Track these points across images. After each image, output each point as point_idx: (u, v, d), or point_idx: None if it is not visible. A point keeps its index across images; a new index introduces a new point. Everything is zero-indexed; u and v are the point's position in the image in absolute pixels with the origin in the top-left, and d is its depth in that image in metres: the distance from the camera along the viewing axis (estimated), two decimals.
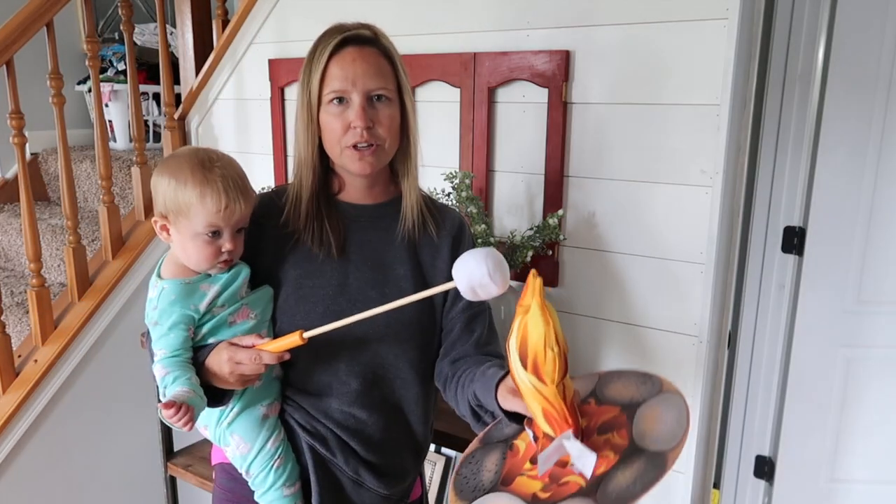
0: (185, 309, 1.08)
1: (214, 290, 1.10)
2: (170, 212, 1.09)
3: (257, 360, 1.04)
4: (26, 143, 2.01)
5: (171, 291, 1.08)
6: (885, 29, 1.78)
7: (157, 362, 1.06)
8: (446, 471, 1.97)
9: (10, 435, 2.01)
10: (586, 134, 1.73)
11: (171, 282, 1.09)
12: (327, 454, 1.16)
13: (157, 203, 1.10)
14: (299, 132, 1.16)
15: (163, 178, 1.08)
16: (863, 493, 2.07)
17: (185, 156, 1.09)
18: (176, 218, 1.08)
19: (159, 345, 1.06)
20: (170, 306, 1.07)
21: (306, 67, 1.14)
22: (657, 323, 1.72)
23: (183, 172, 1.07)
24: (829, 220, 1.91)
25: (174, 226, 1.09)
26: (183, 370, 1.04)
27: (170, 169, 1.08)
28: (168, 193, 1.07)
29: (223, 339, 1.09)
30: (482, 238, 1.70)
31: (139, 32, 3.05)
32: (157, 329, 1.08)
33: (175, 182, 1.07)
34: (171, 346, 1.06)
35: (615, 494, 0.87)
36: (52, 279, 2.49)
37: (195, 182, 1.06)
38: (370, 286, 1.17)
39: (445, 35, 1.87)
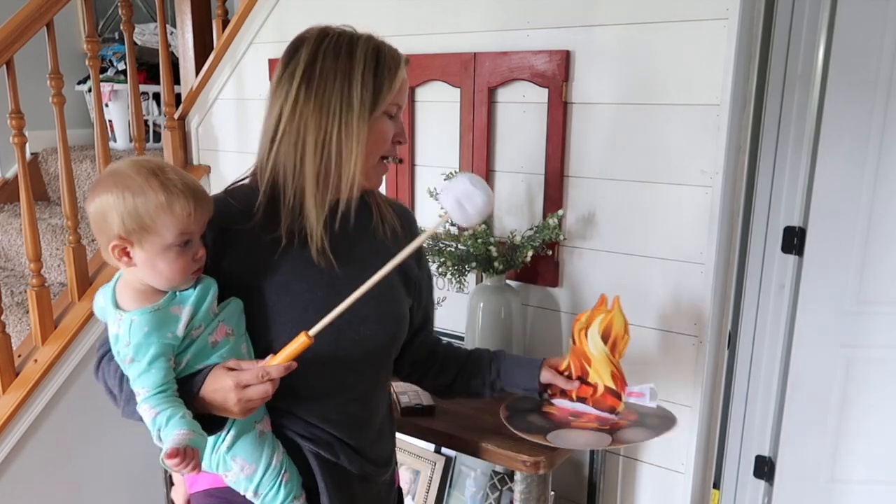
0: (163, 338, 0.99)
1: (188, 312, 1.01)
2: (131, 231, 0.98)
3: (265, 377, 0.99)
4: (26, 143, 2.01)
5: (142, 322, 0.98)
6: (885, 29, 1.78)
7: (143, 402, 0.97)
8: (446, 471, 1.97)
9: (10, 435, 2.01)
10: (586, 134, 1.73)
11: (138, 312, 0.99)
12: (332, 457, 1.15)
13: (112, 225, 0.98)
14: (342, 137, 1.07)
15: (111, 195, 0.98)
16: (863, 493, 2.07)
17: (130, 167, 1.00)
18: (140, 236, 0.98)
19: (140, 383, 0.97)
20: (145, 338, 0.98)
21: (376, 71, 1.09)
22: (657, 323, 1.72)
23: (135, 184, 0.97)
24: (829, 220, 1.91)
25: (138, 245, 0.99)
26: (174, 407, 0.96)
27: (119, 184, 0.98)
28: (125, 209, 0.97)
29: (209, 363, 1.03)
30: (482, 238, 1.70)
31: (139, 32, 3.05)
32: (135, 366, 0.98)
33: (130, 195, 0.97)
34: (155, 382, 0.97)
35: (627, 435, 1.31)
36: (52, 279, 2.49)
37: (155, 190, 0.97)
38: (357, 285, 1.12)
39: (445, 35, 1.87)
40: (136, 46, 2.73)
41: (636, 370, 1.77)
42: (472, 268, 1.76)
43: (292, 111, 1.07)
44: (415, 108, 1.98)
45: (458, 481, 1.96)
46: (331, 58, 1.08)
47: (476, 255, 1.71)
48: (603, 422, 1.32)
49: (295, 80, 1.07)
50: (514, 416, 1.38)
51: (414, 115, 1.98)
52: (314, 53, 1.08)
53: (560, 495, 1.91)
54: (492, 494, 1.87)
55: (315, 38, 1.10)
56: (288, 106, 1.07)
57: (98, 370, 1.09)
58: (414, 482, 2.02)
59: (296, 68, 1.08)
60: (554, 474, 1.70)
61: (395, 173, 2.03)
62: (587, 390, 1.31)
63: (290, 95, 1.07)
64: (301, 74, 1.07)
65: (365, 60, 1.09)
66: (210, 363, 1.03)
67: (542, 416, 1.36)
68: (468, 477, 1.93)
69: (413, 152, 2.00)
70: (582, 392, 1.32)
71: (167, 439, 0.94)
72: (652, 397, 1.38)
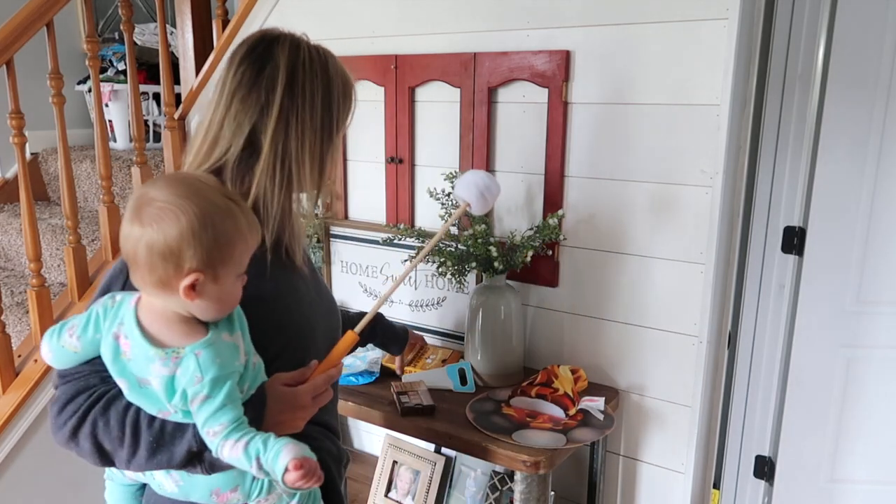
0: (233, 368, 0.90)
1: (239, 337, 0.93)
2: (213, 264, 0.86)
3: (329, 381, 1.01)
4: (26, 143, 2.01)
5: (212, 355, 0.88)
6: (885, 29, 1.78)
7: (223, 438, 0.87)
8: (446, 471, 1.98)
9: (10, 435, 2.01)
10: (586, 134, 1.73)
11: (201, 345, 0.88)
12: (337, 451, 1.18)
13: (186, 258, 0.85)
14: (314, 153, 1.06)
15: (189, 226, 0.84)
16: (863, 493, 2.07)
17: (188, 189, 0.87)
18: (219, 268, 0.87)
19: (217, 420, 0.87)
20: (220, 370, 0.87)
21: (344, 92, 1.09)
22: (657, 323, 1.72)
23: (210, 209, 0.86)
24: (829, 220, 1.91)
25: (212, 280, 0.87)
26: (258, 431, 0.88)
27: (191, 212, 0.85)
28: (207, 241, 0.85)
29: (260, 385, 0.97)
30: (482, 238, 1.70)
31: (139, 32, 3.05)
32: (209, 404, 0.87)
33: (210, 224, 0.85)
34: (236, 415, 0.87)
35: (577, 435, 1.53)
36: (52, 279, 2.49)
37: (225, 215, 0.87)
38: (323, 295, 1.20)
39: (445, 35, 1.87)
40: (136, 46, 2.73)
41: (636, 370, 1.77)
42: (472, 268, 1.76)
43: (277, 121, 1.02)
44: (415, 108, 1.98)
45: (458, 481, 1.96)
46: (310, 72, 1.05)
47: (476, 255, 1.71)
48: (556, 422, 1.58)
49: (277, 88, 1.02)
50: (480, 417, 1.59)
51: (414, 115, 1.98)
52: (293, 63, 1.03)
53: (560, 495, 1.91)
54: (492, 494, 1.87)
55: (289, 46, 1.05)
56: (272, 113, 1.02)
57: (77, 433, 0.93)
58: (414, 482, 2.02)
59: (276, 75, 1.02)
60: (554, 474, 1.70)
61: (396, 173, 2.03)
62: (547, 390, 1.68)
63: (272, 103, 1.02)
64: (283, 83, 1.02)
65: (340, 80, 1.09)
66: (258, 384, 0.97)
67: (504, 417, 1.60)
68: (468, 477, 1.93)
69: (413, 152, 2.00)
70: (542, 391, 1.67)
71: (278, 458, 0.85)
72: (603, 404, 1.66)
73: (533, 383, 1.70)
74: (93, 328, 0.93)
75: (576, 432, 1.54)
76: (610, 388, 1.79)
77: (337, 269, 2.20)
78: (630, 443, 1.83)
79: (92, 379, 0.95)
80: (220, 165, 1.03)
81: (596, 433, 1.57)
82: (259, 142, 1.02)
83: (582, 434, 1.54)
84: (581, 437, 1.53)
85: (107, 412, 0.93)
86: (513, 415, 1.61)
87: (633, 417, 1.80)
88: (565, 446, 1.49)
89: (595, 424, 1.59)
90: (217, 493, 0.99)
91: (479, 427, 1.55)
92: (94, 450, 0.93)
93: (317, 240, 2.16)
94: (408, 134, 1.98)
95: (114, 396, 0.94)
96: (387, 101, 1.99)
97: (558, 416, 1.61)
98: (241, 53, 1.05)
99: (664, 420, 1.76)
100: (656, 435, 1.78)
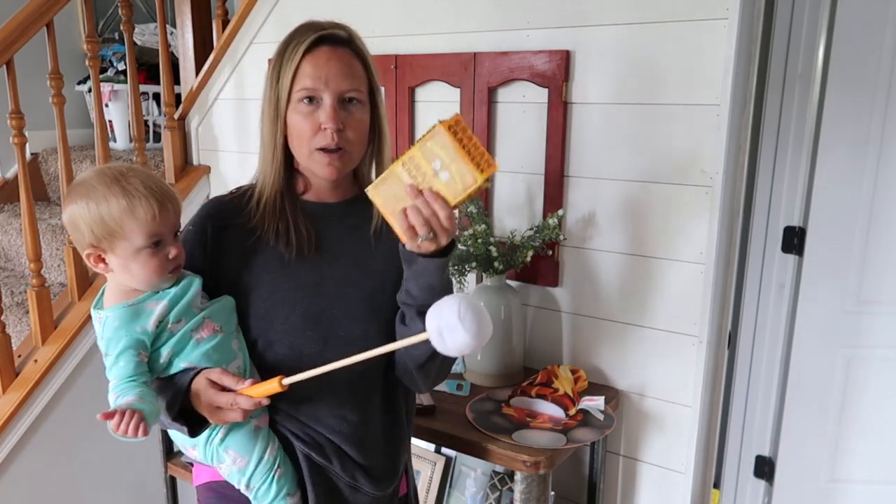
0: (132, 333, 1.02)
1: (162, 306, 1.04)
2: (101, 238, 1.02)
3: (234, 406, 1.00)
4: (26, 143, 2.01)
5: (114, 318, 1.03)
6: (885, 29, 1.78)
7: (110, 392, 1.00)
8: (446, 471, 1.97)
9: (10, 435, 2.01)
10: (586, 134, 1.73)
11: (113, 308, 1.04)
12: (323, 461, 1.14)
13: (83, 235, 1.03)
14: (265, 131, 1.13)
15: (78, 206, 1.02)
16: (863, 493, 2.07)
17: (92, 177, 1.03)
18: (110, 242, 1.02)
19: (111, 374, 1.01)
20: (115, 333, 1.02)
21: (276, 63, 1.11)
22: (657, 323, 1.72)
23: (98, 192, 1.01)
24: (829, 220, 1.91)
25: (110, 252, 1.03)
26: (134, 391, 0.98)
27: (82, 194, 1.02)
28: (91, 218, 1.01)
29: (193, 360, 1.05)
30: (482, 238, 1.70)
31: (139, 32, 3.05)
32: (107, 360, 1.03)
33: (94, 204, 1.01)
34: (122, 373, 1.00)
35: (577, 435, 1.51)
36: (52, 279, 2.49)
37: (117, 196, 1.01)
38: (347, 283, 1.15)
39: (445, 35, 1.87)
40: (136, 46, 2.72)
41: (636, 370, 1.77)
42: (472, 268, 1.76)
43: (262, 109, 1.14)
44: (415, 108, 1.98)
45: (458, 481, 1.96)
46: (276, 52, 1.13)
47: (476, 255, 1.71)
48: (556, 422, 1.58)
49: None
50: (480, 417, 1.59)
51: (414, 115, 1.98)
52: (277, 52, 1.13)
53: (560, 495, 1.91)
54: (492, 494, 1.87)
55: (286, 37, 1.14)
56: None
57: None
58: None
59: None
60: (554, 474, 1.70)
61: None
62: (547, 390, 1.66)
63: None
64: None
65: (282, 49, 1.12)
66: (194, 359, 1.05)
67: (504, 417, 1.59)
68: (468, 477, 1.93)
69: None
70: (542, 391, 1.66)
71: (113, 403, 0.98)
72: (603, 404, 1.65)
73: (533, 383, 1.70)
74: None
75: (576, 432, 1.54)
76: (610, 388, 1.79)
77: None
78: (630, 443, 1.82)
79: None
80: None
81: (596, 433, 1.57)
82: None
83: (582, 434, 1.54)
84: (581, 437, 1.53)
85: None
86: (513, 415, 1.61)
87: (633, 417, 1.80)
88: (565, 446, 1.49)
89: (595, 424, 1.59)
90: (184, 446, 1.15)
91: (479, 427, 1.55)
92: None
93: None
94: (408, 134, 1.98)
95: None
96: (387, 101, 1.99)
97: (558, 416, 1.61)
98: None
99: (664, 420, 1.76)
100: (656, 435, 1.78)
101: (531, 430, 1.54)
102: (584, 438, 1.54)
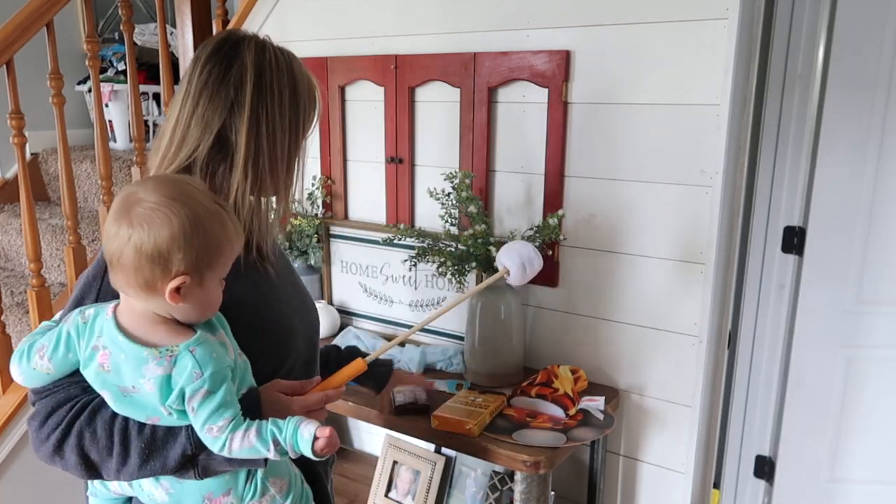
0: (229, 363, 0.90)
1: (223, 336, 0.93)
2: (200, 268, 0.86)
3: (326, 402, 0.99)
4: (26, 143, 2.01)
5: (208, 350, 0.88)
6: (885, 29, 1.78)
7: (231, 430, 0.87)
8: (446, 471, 1.98)
9: (10, 435, 2.01)
10: (586, 134, 1.73)
11: (195, 342, 0.88)
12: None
13: (175, 262, 0.85)
14: (283, 151, 1.05)
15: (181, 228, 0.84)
16: (863, 493, 2.07)
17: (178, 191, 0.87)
18: (205, 272, 0.88)
19: (222, 414, 0.87)
20: (218, 364, 0.87)
21: (310, 92, 1.08)
22: (657, 323, 1.72)
23: (201, 213, 0.86)
24: (829, 220, 1.91)
25: (198, 284, 0.88)
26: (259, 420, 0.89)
27: (183, 215, 0.85)
28: (197, 245, 0.85)
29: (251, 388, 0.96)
30: (482, 238, 1.70)
31: (139, 32, 3.05)
32: (211, 399, 0.87)
33: (200, 227, 0.86)
34: (235, 409, 0.88)
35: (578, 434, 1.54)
36: (52, 279, 2.49)
37: (215, 218, 0.87)
38: (300, 294, 1.19)
39: (445, 35, 1.87)
40: (136, 46, 2.73)
41: (636, 370, 1.77)
42: (472, 268, 1.76)
43: (249, 119, 1.01)
44: (415, 108, 1.98)
45: (458, 481, 1.96)
46: (276, 71, 1.04)
47: (476, 255, 1.71)
48: (556, 422, 1.58)
49: (246, 86, 1.01)
50: None
51: (414, 114, 1.98)
52: (260, 63, 1.02)
53: (560, 495, 1.91)
54: (492, 494, 1.87)
55: (255, 47, 1.03)
56: (244, 111, 1.01)
57: (63, 445, 0.91)
58: (414, 482, 2.02)
59: (244, 73, 1.01)
60: (554, 474, 1.70)
61: (396, 173, 2.03)
62: (547, 390, 1.68)
63: (242, 102, 1.01)
64: (252, 81, 1.01)
65: (305, 80, 1.08)
66: (247, 383, 0.96)
67: (504, 417, 1.60)
68: (468, 477, 1.93)
69: (413, 152, 2.00)
70: (542, 391, 1.68)
71: (299, 432, 0.88)
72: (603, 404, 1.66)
73: (533, 383, 1.70)
74: (64, 348, 0.92)
75: (576, 432, 1.54)
76: (610, 388, 1.79)
77: (337, 269, 2.20)
78: (630, 443, 1.83)
79: (73, 390, 0.93)
80: (188, 164, 1.02)
81: (596, 432, 1.57)
82: (228, 140, 1.02)
83: (582, 433, 1.54)
84: (581, 437, 1.53)
85: (93, 422, 0.91)
86: (513, 415, 1.61)
87: (633, 417, 1.80)
88: (565, 445, 1.49)
89: (595, 424, 1.59)
90: (209, 497, 0.98)
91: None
92: (81, 462, 0.91)
93: (317, 240, 2.16)
94: (408, 134, 1.99)
95: (98, 406, 0.92)
96: (387, 101, 1.99)
97: (558, 415, 1.61)
98: (206, 53, 1.03)
99: (664, 420, 1.76)
100: (656, 435, 1.78)
101: (531, 430, 1.54)
102: (585, 437, 1.54)
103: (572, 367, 1.73)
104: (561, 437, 1.51)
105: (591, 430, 1.56)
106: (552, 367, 1.73)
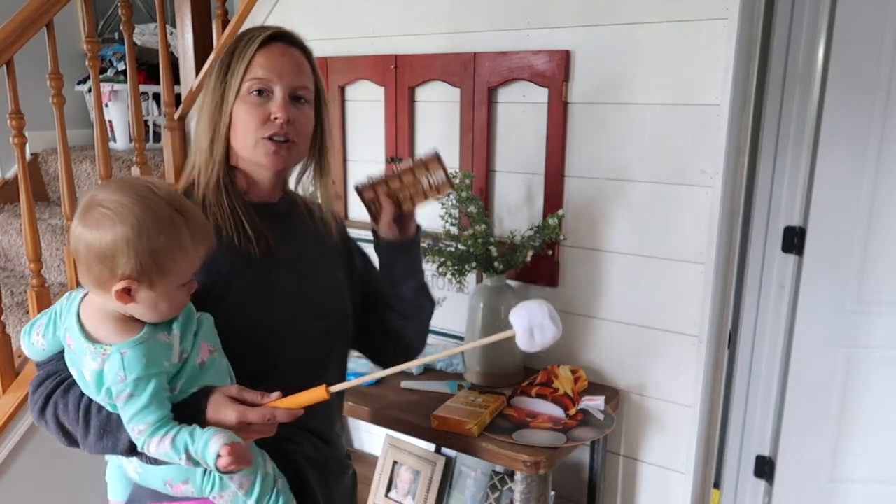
0: (161, 368, 0.90)
1: (176, 337, 0.93)
2: (147, 273, 0.87)
3: (271, 421, 0.93)
4: (26, 143, 2.00)
5: (137, 354, 0.89)
6: (885, 29, 1.78)
7: (149, 436, 0.90)
8: (446, 471, 1.98)
9: (10, 435, 2.01)
10: (586, 134, 1.73)
11: (128, 344, 0.90)
12: (321, 457, 1.16)
13: (120, 265, 0.86)
14: (203, 125, 1.11)
15: (122, 234, 0.85)
16: (863, 493, 2.07)
17: (154, 200, 0.88)
18: (155, 277, 0.88)
19: (142, 419, 0.89)
20: (145, 371, 0.89)
21: (226, 56, 1.11)
22: (657, 323, 1.72)
23: (148, 220, 0.86)
24: (829, 220, 1.91)
25: (147, 287, 0.88)
26: (183, 426, 0.90)
27: (129, 221, 0.86)
28: (144, 249, 0.86)
29: (199, 386, 0.96)
30: (482, 238, 1.70)
31: (139, 32, 3.05)
32: (134, 402, 0.89)
33: (145, 235, 0.86)
34: (160, 415, 0.90)
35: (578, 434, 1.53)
36: (52, 279, 2.49)
37: (165, 225, 0.87)
38: (302, 282, 1.16)
39: (445, 35, 1.87)
40: (136, 46, 2.72)
41: (636, 370, 1.77)
42: (472, 268, 1.76)
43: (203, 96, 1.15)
44: (415, 107, 1.98)
45: (458, 481, 1.96)
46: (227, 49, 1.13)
47: (476, 255, 1.71)
48: (556, 422, 1.58)
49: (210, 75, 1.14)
50: None
51: (414, 114, 1.98)
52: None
53: (560, 495, 1.91)
54: (492, 494, 1.87)
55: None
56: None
57: (44, 412, 1.00)
58: (414, 482, 2.02)
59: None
60: (554, 474, 1.70)
61: None
62: (547, 390, 1.67)
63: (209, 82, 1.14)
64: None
65: (234, 46, 1.11)
66: (202, 384, 0.97)
67: (504, 417, 1.60)
68: (468, 477, 1.93)
69: (413, 152, 2.00)
70: (542, 391, 1.67)
71: (208, 446, 0.88)
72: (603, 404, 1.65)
73: (533, 383, 1.70)
74: (52, 327, 0.99)
75: (576, 432, 1.54)
76: (610, 388, 1.79)
77: None
78: (630, 443, 1.83)
79: (59, 364, 1.00)
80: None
81: (596, 432, 1.57)
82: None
83: (582, 433, 1.54)
84: (581, 437, 1.53)
85: (66, 395, 0.98)
86: (513, 415, 1.61)
87: (633, 417, 1.80)
88: (565, 445, 1.49)
89: (595, 424, 1.59)
90: (170, 483, 1.01)
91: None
92: (58, 429, 1.00)
93: None
94: (408, 134, 1.99)
95: (73, 381, 0.99)
96: (387, 101, 1.99)
97: (558, 415, 1.61)
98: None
99: (664, 420, 1.76)
100: (656, 435, 1.78)
101: (531, 430, 1.54)
102: (585, 437, 1.54)
103: (572, 368, 1.73)
104: (561, 437, 1.51)
105: (591, 430, 1.56)
106: (552, 367, 1.73)
